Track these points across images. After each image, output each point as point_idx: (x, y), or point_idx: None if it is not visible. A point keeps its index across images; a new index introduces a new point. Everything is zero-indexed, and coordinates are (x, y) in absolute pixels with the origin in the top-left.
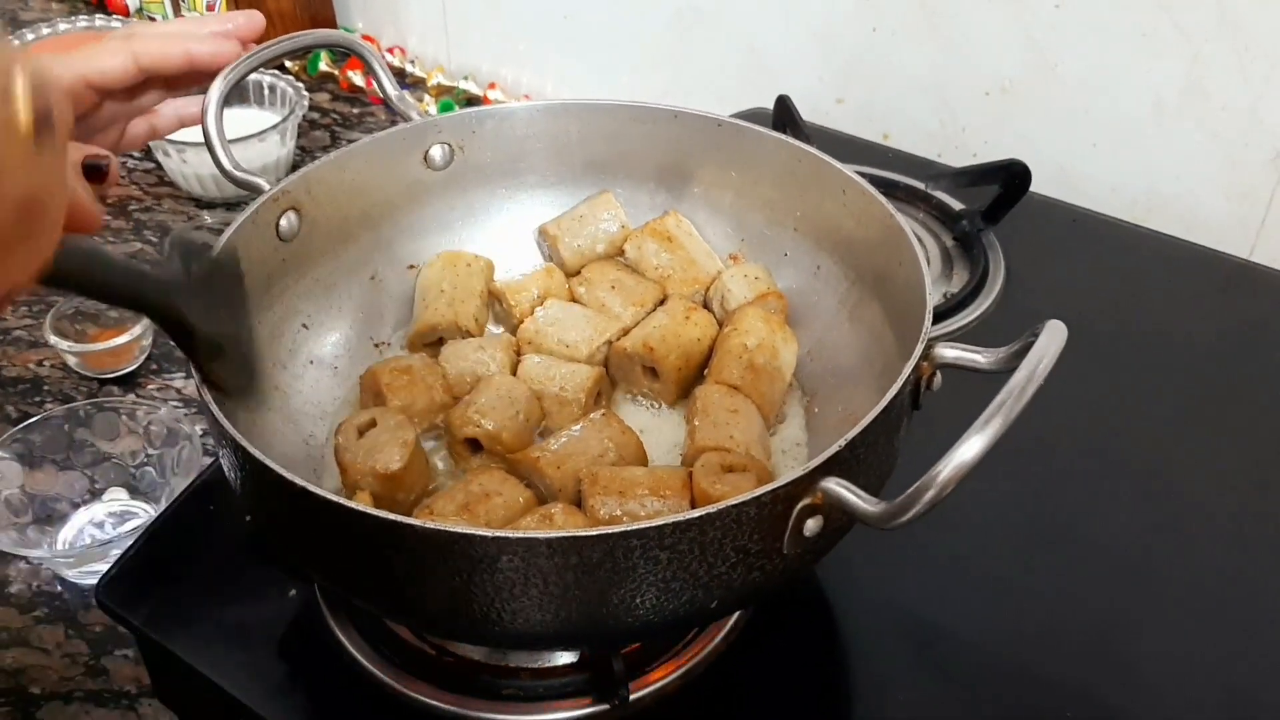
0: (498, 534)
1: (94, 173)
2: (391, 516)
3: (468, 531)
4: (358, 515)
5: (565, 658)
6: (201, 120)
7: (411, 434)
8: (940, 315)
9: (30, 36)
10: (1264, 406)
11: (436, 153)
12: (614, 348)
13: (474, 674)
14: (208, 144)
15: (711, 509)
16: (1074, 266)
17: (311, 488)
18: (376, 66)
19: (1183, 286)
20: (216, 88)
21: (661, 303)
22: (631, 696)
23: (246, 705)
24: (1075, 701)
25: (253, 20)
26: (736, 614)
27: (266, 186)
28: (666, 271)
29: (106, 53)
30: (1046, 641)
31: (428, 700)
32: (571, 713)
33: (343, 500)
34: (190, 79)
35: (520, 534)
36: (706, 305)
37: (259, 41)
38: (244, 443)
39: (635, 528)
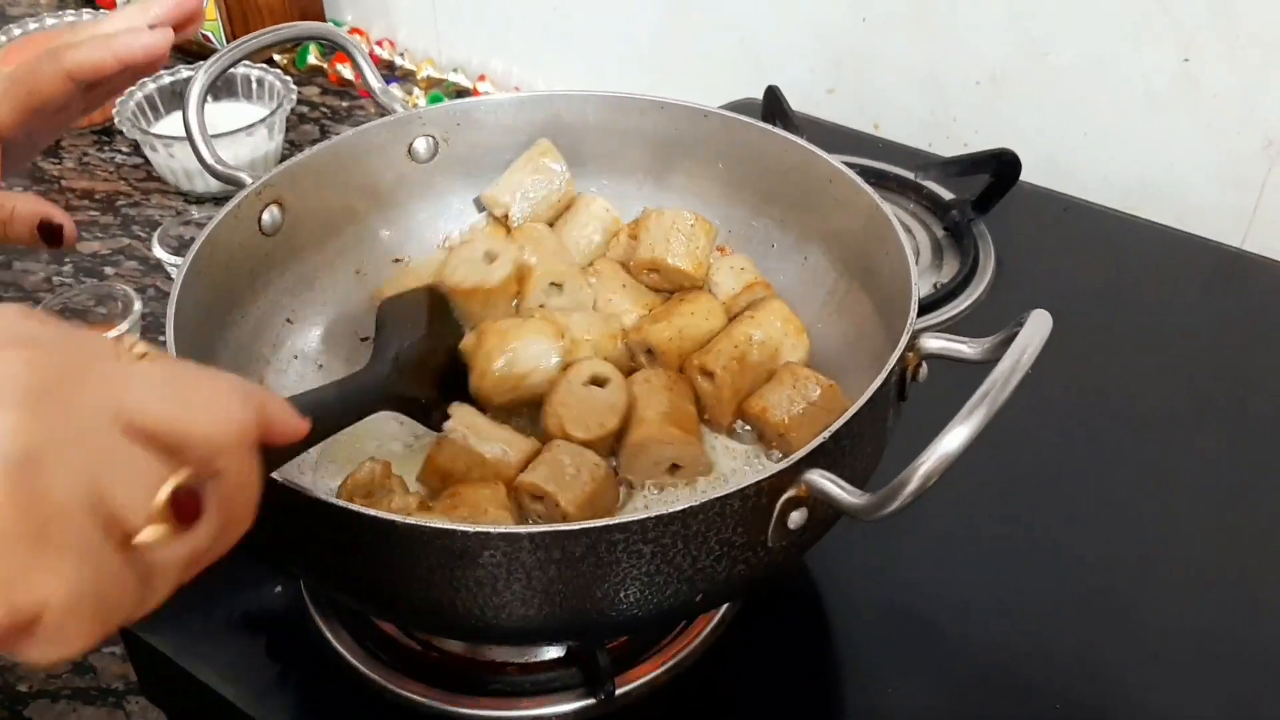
0: (479, 529)
1: (50, 235)
2: (373, 513)
3: (449, 527)
4: (339, 512)
5: (552, 652)
6: (183, 115)
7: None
8: (931, 305)
9: (17, 32)
10: (1256, 395)
11: (421, 145)
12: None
13: (461, 670)
14: (190, 139)
15: (694, 502)
16: (1065, 256)
17: (294, 484)
18: (360, 59)
19: (1174, 275)
20: (198, 83)
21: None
22: (618, 691)
23: (232, 702)
24: (1064, 694)
25: (180, 5)
26: (725, 607)
27: (249, 180)
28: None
29: (43, 80)
30: (1037, 634)
31: (414, 696)
32: (559, 707)
33: (326, 498)
34: (130, 74)
35: (502, 528)
36: None
37: (238, 29)
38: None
39: (618, 521)
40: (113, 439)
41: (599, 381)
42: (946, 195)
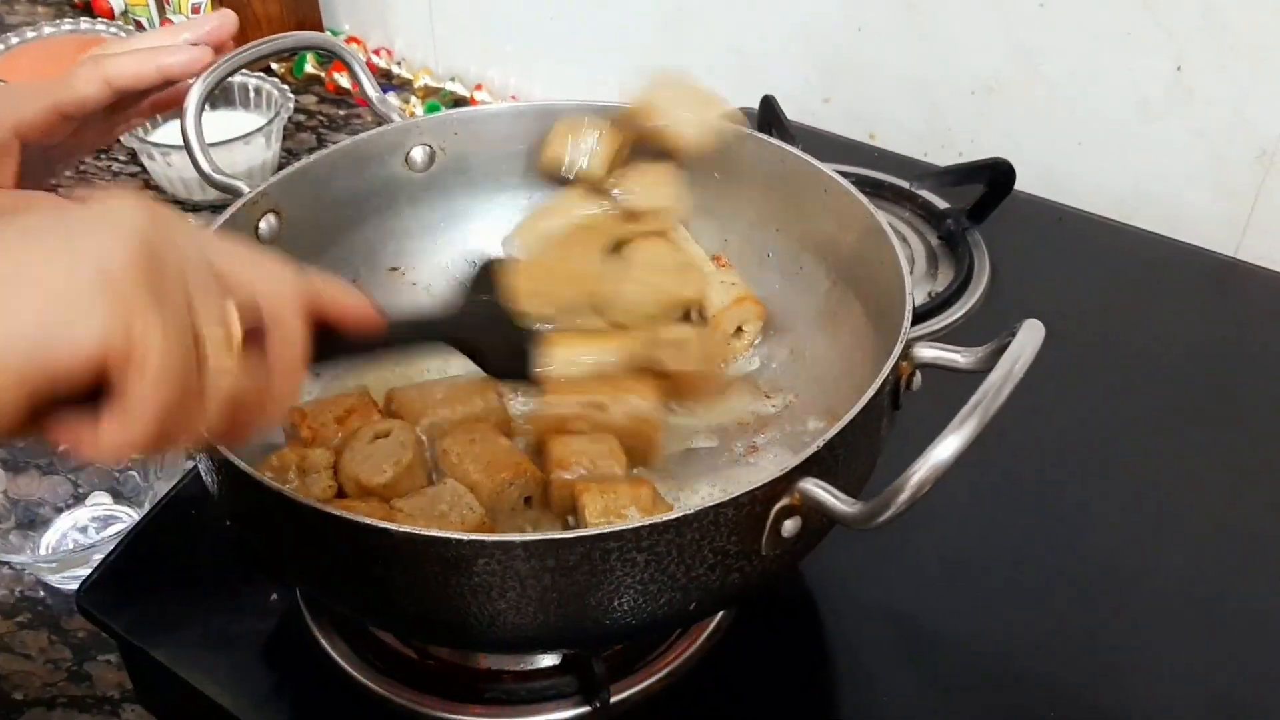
0: (473, 537)
1: None
2: (366, 520)
3: (444, 535)
4: (333, 519)
5: (548, 660)
6: (181, 124)
7: (410, 454)
8: (925, 314)
9: (15, 41)
10: (1250, 405)
11: (418, 154)
12: None
13: (457, 678)
14: (187, 147)
15: (688, 511)
16: (1059, 265)
17: (286, 491)
18: (356, 68)
19: (1168, 284)
20: (196, 91)
21: None
22: (615, 699)
23: (229, 710)
24: (1059, 701)
25: (225, 22)
26: (720, 614)
27: (245, 189)
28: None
29: (79, 80)
30: (1031, 641)
31: (411, 705)
32: (554, 715)
33: (319, 505)
34: (165, 89)
35: (496, 537)
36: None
37: (236, 39)
38: (219, 447)
39: (612, 530)
40: (203, 267)
41: (382, 434)
42: (941, 204)
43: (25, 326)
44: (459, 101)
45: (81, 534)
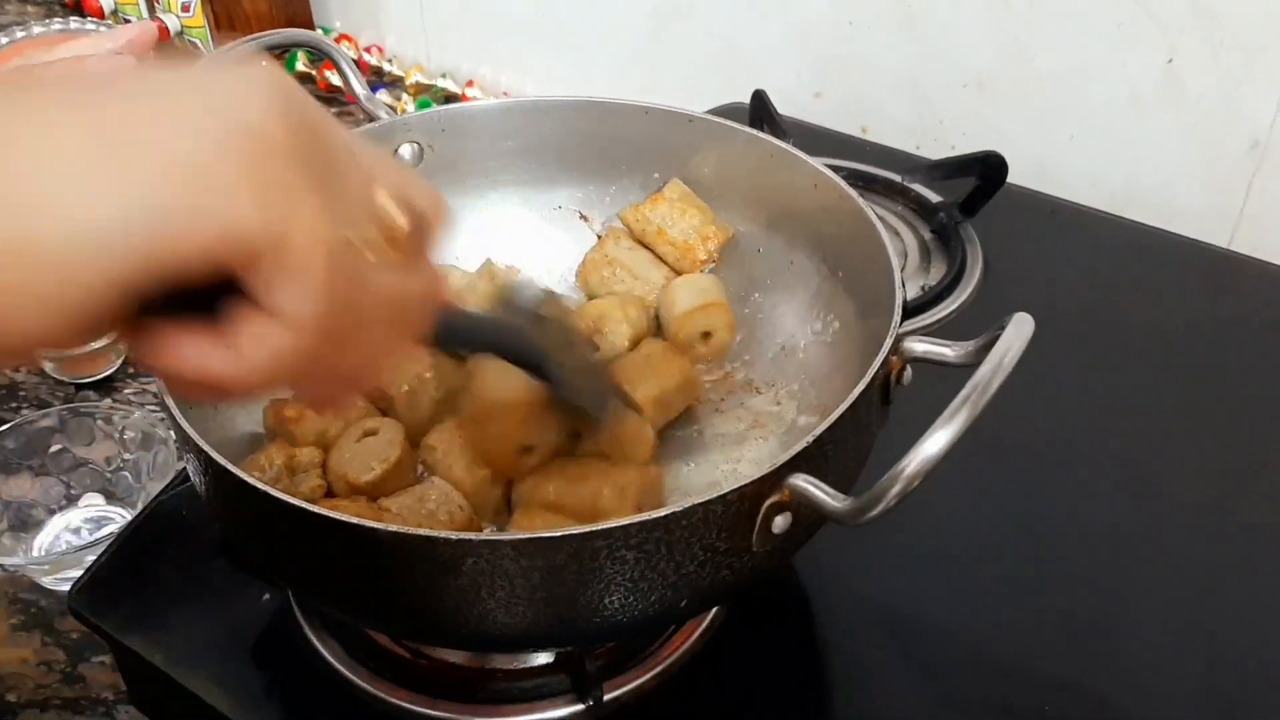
0: (461, 537)
1: None
2: (353, 520)
3: (431, 535)
4: (320, 519)
5: (541, 659)
6: None
7: (397, 452)
8: (918, 308)
9: (4, 40)
10: (1243, 396)
11: (406, 151)
12: None
13: (449, 677)
14: None
15: (677, 508)
16: (1052, 258)
17: (274, 492)
18: (343, 65)
19: (1162, 276)
20: None
21: None
22: (608, 696)
23: (222, 712)
24: (1053, 694)
25: (145, 30)
26: (714, 611)
27: None
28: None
29: None
30: (1025, 635)
31: (403, 704)
32: (548, 714)
33: (306, 504)
34: None
35: (483, 536)
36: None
37: (226, 35)
38: (206, 447)
39: (600, 528)
40: (350, 154)
41: (370, 432)
42: (934, 198)
43: (135, 199)
44: (450, 98)
45: (74, 535)
